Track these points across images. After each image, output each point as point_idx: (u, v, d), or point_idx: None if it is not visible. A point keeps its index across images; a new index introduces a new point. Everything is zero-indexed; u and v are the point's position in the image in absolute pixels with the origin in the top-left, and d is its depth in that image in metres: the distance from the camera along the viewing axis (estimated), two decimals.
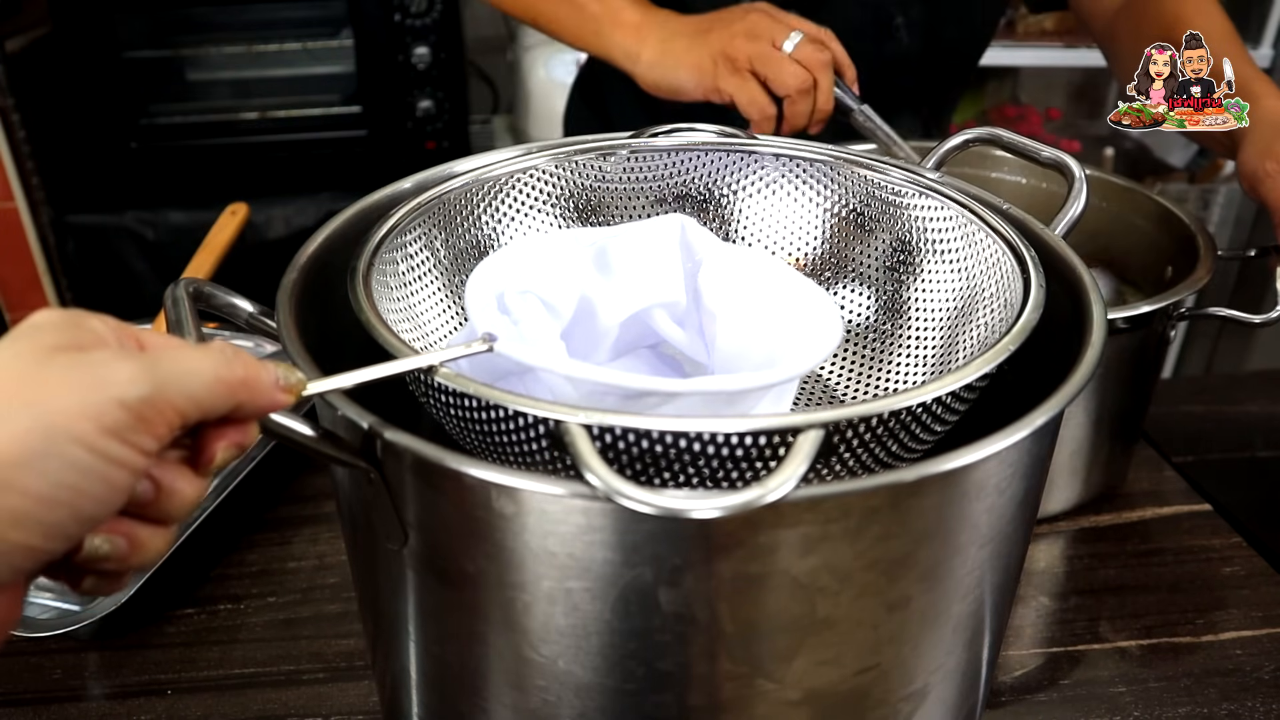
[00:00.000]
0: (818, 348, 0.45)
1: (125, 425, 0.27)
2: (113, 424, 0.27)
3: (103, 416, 0.27)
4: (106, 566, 0.30)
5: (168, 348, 0.31)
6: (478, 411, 0.38)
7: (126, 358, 0.28)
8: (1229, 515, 0.75)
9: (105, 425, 0.27)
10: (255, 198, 1.21)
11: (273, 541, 0.71)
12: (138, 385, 0.28)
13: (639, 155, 0.58)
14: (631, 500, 0.31)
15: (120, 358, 0.28)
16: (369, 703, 0.59)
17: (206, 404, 0.30)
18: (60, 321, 0.29)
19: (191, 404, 0.29)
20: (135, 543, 0.30)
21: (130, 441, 0.27)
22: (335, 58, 1.75)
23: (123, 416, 0.27)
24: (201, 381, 0.30)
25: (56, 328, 0.29)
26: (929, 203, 0.54)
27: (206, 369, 0.30)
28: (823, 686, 0.40)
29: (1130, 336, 0.67)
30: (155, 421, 0.28)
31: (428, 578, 0.41)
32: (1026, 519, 0.43)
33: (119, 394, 0.27)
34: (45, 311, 0.30)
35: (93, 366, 0.27)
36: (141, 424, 0.28)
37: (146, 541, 0.30)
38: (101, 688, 0.60)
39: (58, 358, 0.27)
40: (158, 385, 0.28)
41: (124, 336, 0.30)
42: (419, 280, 0.52)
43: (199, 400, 0.29)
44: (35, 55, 1.67)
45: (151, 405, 0.28)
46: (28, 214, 1.66)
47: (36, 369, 0.27)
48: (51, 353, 0.28)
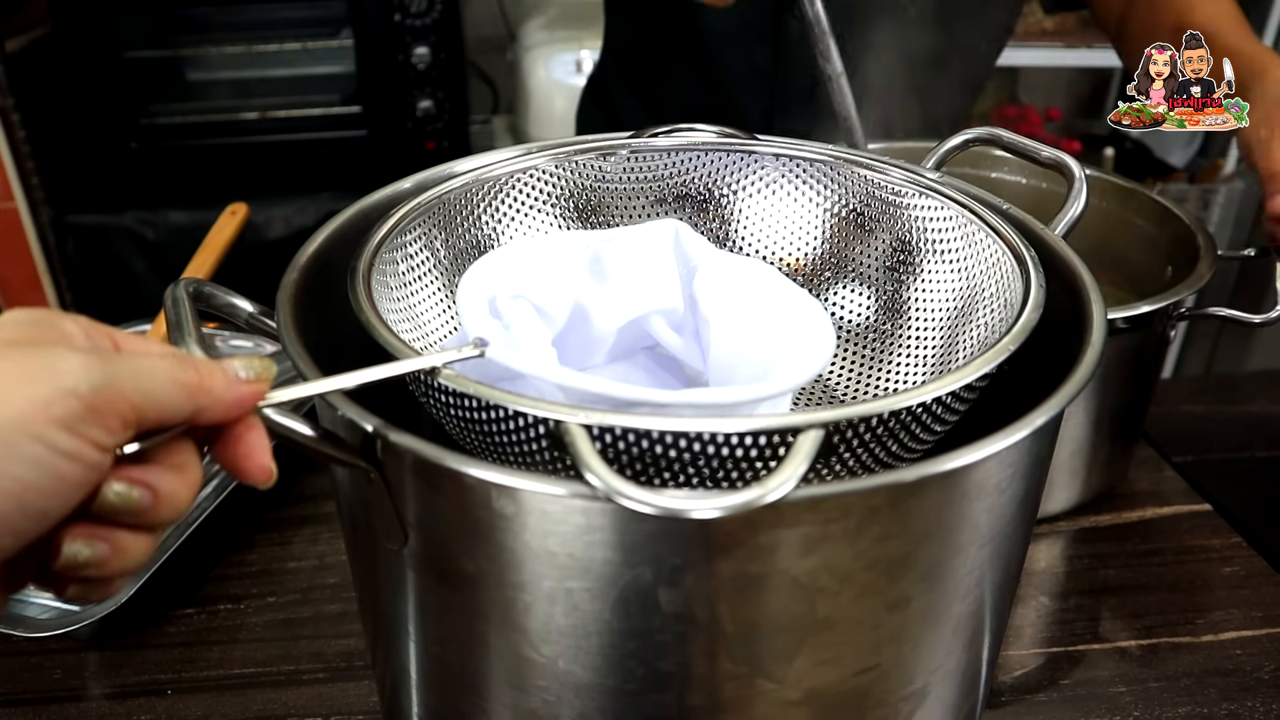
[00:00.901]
0: (811, 362, 0.45)
1: (76, 416, 0.27)
2: (62, 414, 0.26)
3: (51, 406, 0.26)
4: (88, 574, 0.29)
5: (134, 348, 0.31)
6: (478, 412, 0.38)
7: (79, 351, 0.28)
8: (1229, 515, 0.75)
9: (53, 415, 0.26)
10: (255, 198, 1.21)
11: (273, 541, 0.71)
12: (89, 376, 0.27)
13: (639, 155, 0.58)
14: (631, 500, 0.31)
15: (73, 351, 0.28)
16: (369, 703, 0.59)
17: (164, 403, 0.29)
18: (23, 319, 0.29)
19: (147, 401, 0.29)
20: (118, 549, 0.29)
21: (81, 433, 0.27)
22: (335, 58, 1.75)
23: (73, 405, 0.27)
24: (157, 380, 0.29)
25: (18, 324, 0.29)
26: (929, 203, 0.54)
27: (162, 368, 0.29)
28: (823, 686, 0.40)
29: (1130, 336, 0.67)
30: (107, 413, 0.27)
31: (428, 578, 0.41)
32: (1026, 519, 0.43)
33: (70, 384, 0.27)
34: (15, 310, 0.29)
35: (43, 358, 0.27)
36: (93, 415, 0.27)
37: (129, 548, 0.29)
38: (101, 688, 0.60)
39: (10, 351, 0.27)
40: (109, 378, 0.28)
41: (97, 335, 0.30)
42: (419, 280, 0.52)
43: (155, 398, 0.29)
44: (35, 55, 1.67)
45: (103, 396, 0.27)
46: (28, 214, 1.66)
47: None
48: (5, 346, 0.27)
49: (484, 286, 0.47)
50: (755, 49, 0.95)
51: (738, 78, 0.97)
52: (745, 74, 0.96)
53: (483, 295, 0.47)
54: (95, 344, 0.30)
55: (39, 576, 0.29)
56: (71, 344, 0.29)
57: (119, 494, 0.29)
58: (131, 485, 0.29)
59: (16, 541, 0.27)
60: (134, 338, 0.31)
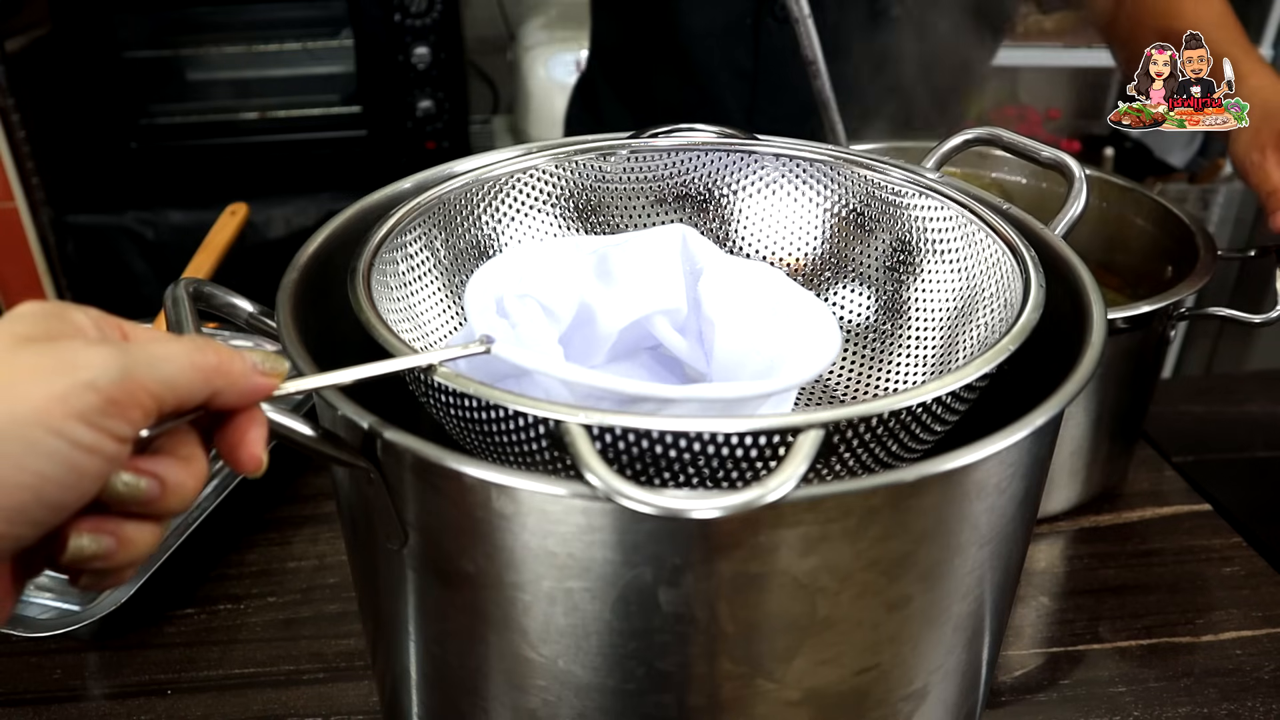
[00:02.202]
0: (816, 359, 0.45)
1: (95, 409, 0.27)
2: (82, 408, 0.26)
3: (69, 400, 0.26)
4: (95, 566, 0.29)
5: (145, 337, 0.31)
6: (477, 412, 0.38)
7: (96, 344, 0.28)
8: (1229, 515, 0.75)
9: (73, 409, 0.26)
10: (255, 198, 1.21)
11: (273, 541, 0.71)
12: (108, 369, 0.27)
13: (639, 155, 0.58)
14: (631, 500, 0.31)
15: (90, 344, 0.28)
16: (369, 703, 0.59)
17: (182, 389, 0.29)
18: (37, 312, 0.29)
19: (166, 388, 0.29)
20: (124, 541, 0.29)
21: (101, 426, 0.27)
22: (335, 58, 1.75)
23: (93, 400, 0.27)
24: (176, 366, 0.29)
25: (33, 318, 0.29)
26: (929, 203, 0.54)
27: (179, 354, 0.30)
28: (823, 686, 0.40)
29: (1130, 336, 0.67)
30: (128, 405, 0.28)
31: (428, 578, 0.41)
32: (1026, 519, 0.43)
33: (88, 378, 0.27)
34: (27, 303, 0.29)
35: (61, 353, 0.27)
36: (113, 408, 0.27)
37: (135, 539, 0.30)
38: (101, 688, 0.60)
39: (28, 346, 0.27)
40: (128, 369, 0.28)
41: (106, 326, 0.30)
42: (419, 280, 0.52)
43: (173, 385, 0.29)
44: (35, 55, 1.67)
45: (122, 389, 0.27)
46: (28, 214, 1.66)
47: (5, 356, 0.27)
48: (23, 342, 0.27)
49: (491, 287, 0.48)
50: (736, 49, 0.96)
51: (720, 79, 0.98)
52: (728, 75, 0.97)
53: (490, 295, 0.47)
54: (105, 335, 0.30)
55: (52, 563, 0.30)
56: (85, 336, 0.29)
57: (127, 484, 0.29)
58: (139, 475, 0.29)
59: (34, 532, 0.27)
60: (142, 329, 0.31)
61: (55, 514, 0.27)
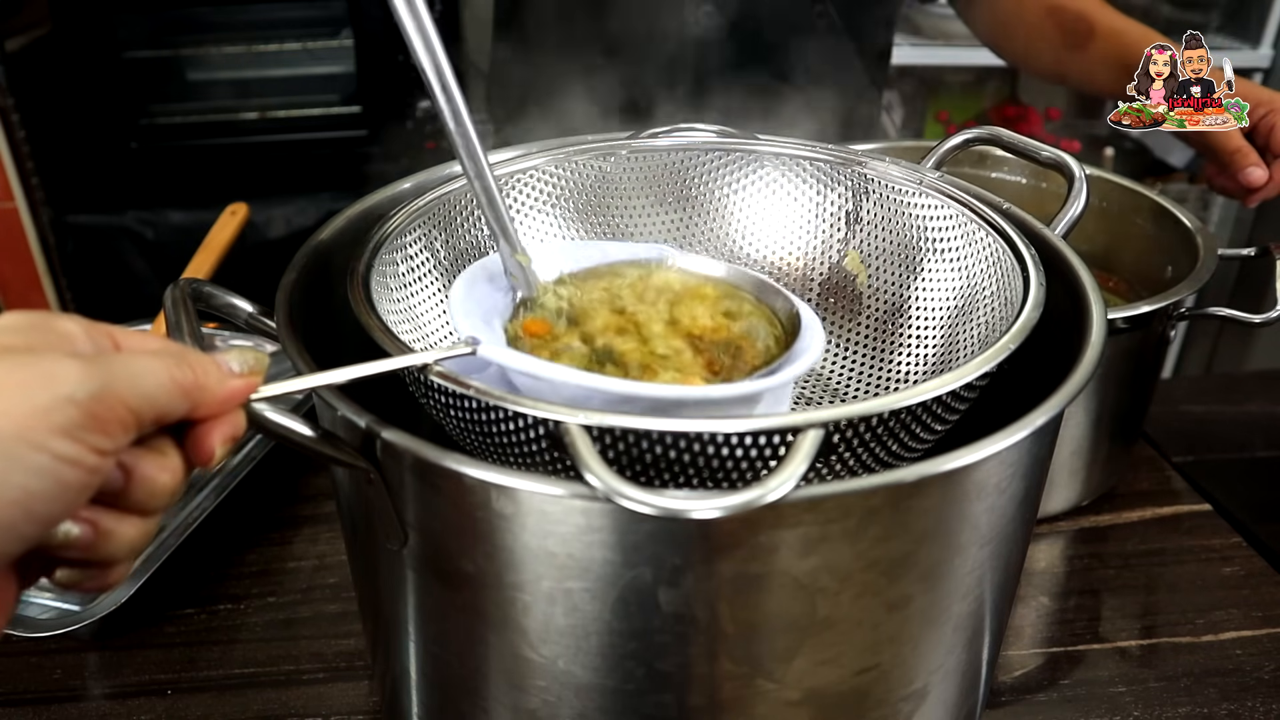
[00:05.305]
0: (802, 360, 0.45)
1: (76, 423, 0.27)
2: (63, 422, 0.26)
3: (50, 414, 0.26)
4: (71, 554, 0.29)
5: (136, 346, 0.31)
6: (477, 413, 0.38)
7: (74, 357, 0.28)
8: (1229, 515, 0.75)
9: (54, 423, 0.26)
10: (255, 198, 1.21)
11: (273, 541, 0.71)
12: (87, 382, 0.27)
13: (639, 155, 0.58)
14: (631, 500, 0.31)
15: (68, 357, 0.28)
16: (369, 703, 0.59)
17: (162, 404, 0.29)
18: (20, 324, 0.29)
19: (145, 403, 0.29)
20: (101, 531, 0.29)
21: (82, 440, 0.27)
22: (335, 58, 1.75)
23: (73, 414, 0.27)
24: (156, 381, 0.29)
25: (14, 330, 0.29)
26: (929, 202, 0.54)
27: (160, 369, 0.29)
28: (823, 686, 0.40)
29: (1130, 336, 0.67)
30: (108, 419, 0.28)
31: (428, 578, 0.41)
32: (1026, 519, 0.43)
33: (68, 391, 0.27)
34: (10, 314, 0.29)
35: (40, 366, 0.27)
36: (93, 421, 0.27)
37: (114, 530, 0.29)
38: (101, 688, 0.60)
39: (6, 359, 0.27)
40: (107, 382, 0.28)
41: (97, 335, 0.30)
42: (419, 281, 0.52)
43: (153, 400, 0.29)
44: (35, 55, 1.67)
45: (102, 402, 0.27)
46: (28, 214, 1.66)
47: None
48: (2, 354, 0.27)
49: (474, 289, 0.48)
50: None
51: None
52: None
53: (474, 297, 0.47)
54: (96, 343, 0.30)
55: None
56: (71, 346, 0.29)
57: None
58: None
59: (22, 545, 0.27)
60: (134, 335, 0.31)
61: (42, 527, 0.27)
